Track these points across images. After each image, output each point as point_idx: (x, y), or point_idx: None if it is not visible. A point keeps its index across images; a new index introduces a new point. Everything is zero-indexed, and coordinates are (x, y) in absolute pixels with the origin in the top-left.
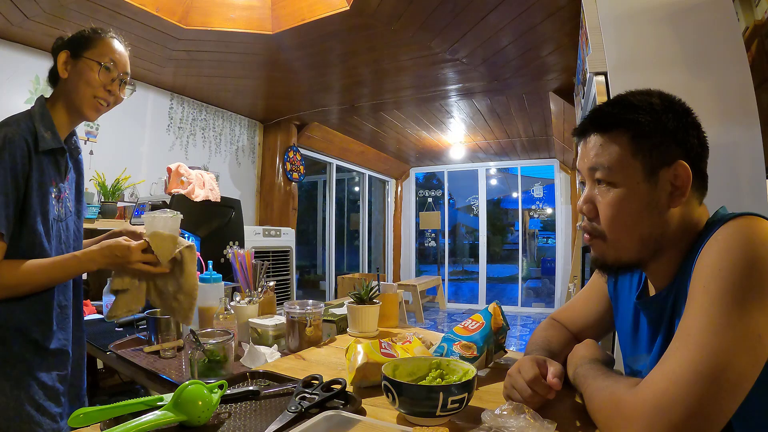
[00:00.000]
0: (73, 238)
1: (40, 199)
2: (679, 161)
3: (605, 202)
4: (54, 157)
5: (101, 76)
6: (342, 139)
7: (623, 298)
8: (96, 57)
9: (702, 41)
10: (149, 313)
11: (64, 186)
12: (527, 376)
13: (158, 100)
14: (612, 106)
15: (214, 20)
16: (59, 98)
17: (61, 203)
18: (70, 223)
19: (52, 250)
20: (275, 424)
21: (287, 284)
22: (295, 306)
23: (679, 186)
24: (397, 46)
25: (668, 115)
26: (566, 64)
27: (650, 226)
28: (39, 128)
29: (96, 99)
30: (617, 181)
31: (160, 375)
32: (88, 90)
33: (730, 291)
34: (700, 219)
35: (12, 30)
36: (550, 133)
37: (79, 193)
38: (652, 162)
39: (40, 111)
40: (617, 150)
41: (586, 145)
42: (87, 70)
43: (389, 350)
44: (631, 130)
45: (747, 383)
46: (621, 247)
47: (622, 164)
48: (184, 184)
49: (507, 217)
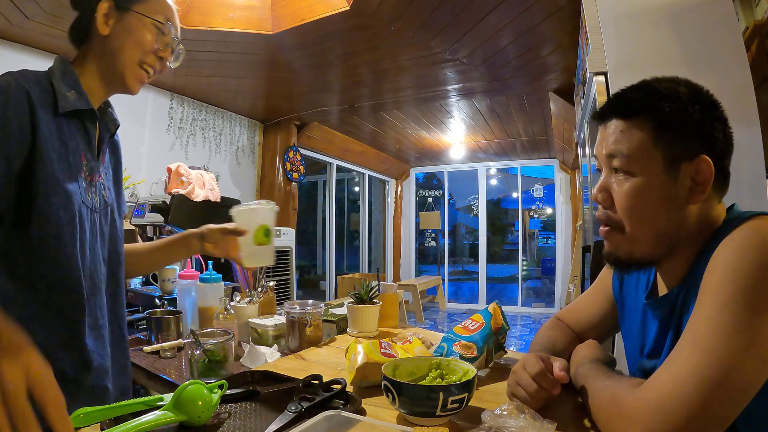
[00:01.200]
0: (113, 240)
1: (62, 175)
2: (702, 156)
3: (621, 191)
4: (82, 124)
5: (156, 39)
6: (342, 139)
7: (630, 299)
8: (150, 13)
9: (702, 41)
10: (149, 313)
11: (99, 167)
12: (533, 371)
13: (158, 100)
14: (636, 91)
15: (214, 20)
16: (90, 60)
17: (95, 188)
18: (108, 218)
19: (80, 246)
20: (275, 424)
21: (287, 284)
22: (295, 306)
23: (700, 182)
24: (397, 46)
25: (695, 106)
26: (566, 64)
27: (667, 221)
28: (59, 86)
29: (143, 66)
30: (636, 170)
31: (160, 375)
32: (137, 53)
33: (742, 294)
34: (718, 217)
35: (12, 30)
36: (550, 133)
37: (117, 183)
38: (673, 154)
39: (61, 68)
40: (638, 138)
41: (606, 130)
42: (138, 28)
43: (389, 350)
44: (654, 118)
45: (753, 390)
46: (636, 241)
47: (642, 153)
48: (184, 184)
49: (507, 217)
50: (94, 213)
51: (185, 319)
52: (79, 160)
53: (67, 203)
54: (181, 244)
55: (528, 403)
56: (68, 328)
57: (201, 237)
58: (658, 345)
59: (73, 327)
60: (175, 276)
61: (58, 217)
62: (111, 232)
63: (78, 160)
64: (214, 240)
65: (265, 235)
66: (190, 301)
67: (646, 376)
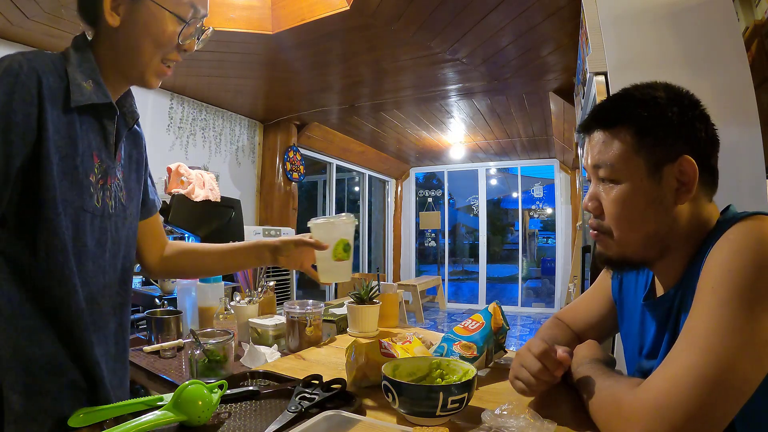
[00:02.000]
0: (127, 245)
1: (69, 180)
2: (684, 156)
3: (609, 199)
4: (98, 119)
5: (179, 32)
6: (342, 139)
7: (629, 300)
8: (169, 4)
9: (702, 41)
10: (149, 313)
11: (115, 167)
12: (537, 351)
13: (158, 99)
14: (615, 101)
15: (214, 20)
16: (105, 48)
17: (109, 191)
18: (126, 222)
19: (81, 258)
20: (275, 424)
21: (287, 284)
22: (295, 306)
23: (685, 182)
24: (397, 46)
25: (673, 109)
26: (566, 64)
27: (656, 223)
28: (74, 74)
29: (164, 63)
30: (620, 178)
31: (160, 375)
32: (156, 51)
33: (739, 294)
34: (710, 217)
35: (12, 30)
36: (550, 133)
37: (139, 180)
38: (656, 158)
39: (78, 53)
40: (620, 147)
41: (590, 142)
42: (154, 24)
43: (389, 350)
44: (633, 125)
45: (750, 389)
46: (626, 244)
47: (625, 161)
48: (184, 184)
49: (507, 217)
50: (105, 219)
51: (185, 319)
52: (91, 161)
53: (69, 211)
54: (253, 254)
55: (530, 387)
56: (75, 343)
57: (274, 249)
58: (655, 345)
59: (80, 342)
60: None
61: (63, 227)
62: (126, 237)
63: (89, 162)
64: (288, 252)
65: (344, 250)
66: (190, 301)
67: (644, 376)
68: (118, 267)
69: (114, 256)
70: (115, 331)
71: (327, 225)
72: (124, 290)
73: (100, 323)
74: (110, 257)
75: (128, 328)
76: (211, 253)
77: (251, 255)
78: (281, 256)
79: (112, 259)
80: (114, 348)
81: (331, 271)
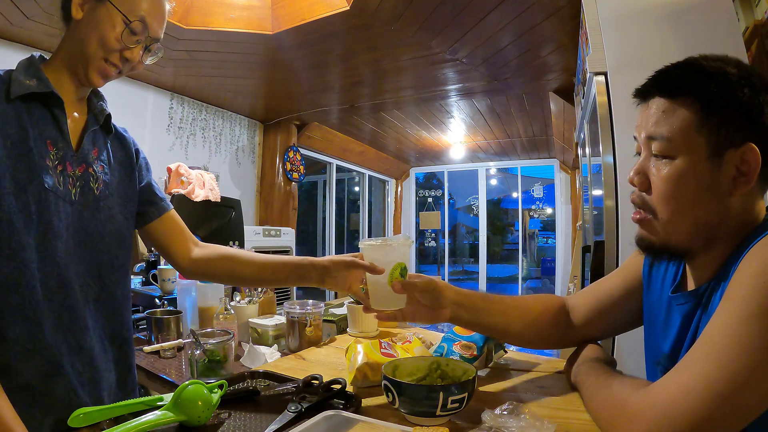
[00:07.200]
0: (101, 238)
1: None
2: (749, 144)
3: (660, 176)
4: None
5: (122, 38)
6: (342, 139)
7: (655, 289)
8: (124, 8)
9: (702, 41)
10: (149, 313)
11: (75, 156)
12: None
13: (158, 100)
14: (681, 68)
15: (214, 20)
16: (63, 42)
17: (71, 179)
18: (100, 214)
19: (41, 237)
20: (275, 424)
21: None
22: (295, 306)
23: (745, 172)
24: (397, 46)
25: (744, 90)
26: (566, 64)
27: (707, 211)
28: (18, 75)
29: (107, 63)
30: (677, 154)
31: (160, 375)
32: (100, 50)
33: None
34: (759, 213)
35: (12, 30)
36: (550, 133)
37: (130, 178)
38: (718, 140)
39: (26, 62)
40: (681, 120)
41: (647, 110)
42: (105, 23)
43: (389, 350)
44: (699, 99)
45: (762, 409)
46: (673, 229)
47: (684, 137)
48: (184, 184)
49: (507, 217)
50: (68, 205)
51: (185, 319)
52: (45, 148)
53: (16, 190)
54: (296, 273)
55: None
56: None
57: (323, 271)
58: (678, 342)
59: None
60: (175, 276)
61: (8, 204)
62: (102, 231)
63: (43, 147)
64: (338, 274)
65: (401, 275)
66: (190, 301)
67: (662, 371)
68: (92, 259)
69: (81, 245)
70: (92, 327)
71: (384, 247)
72: (100, 286)
73: (69, 307)
74: (77, 245)
75: (120, 329)
76: (249, 263)
77: (293, 273)
78: (329, 278)
79: (80, 248)
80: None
81: (387, 298)
